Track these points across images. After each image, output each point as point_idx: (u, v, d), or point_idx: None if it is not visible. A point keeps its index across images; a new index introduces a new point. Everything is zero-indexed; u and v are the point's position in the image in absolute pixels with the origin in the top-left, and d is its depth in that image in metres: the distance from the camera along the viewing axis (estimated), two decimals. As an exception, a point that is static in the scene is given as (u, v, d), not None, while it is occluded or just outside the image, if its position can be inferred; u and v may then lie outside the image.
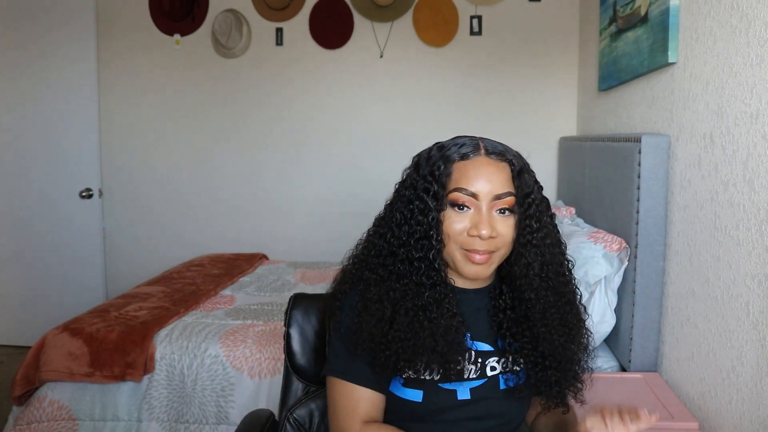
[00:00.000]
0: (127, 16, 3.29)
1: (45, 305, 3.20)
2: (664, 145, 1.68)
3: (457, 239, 0.89)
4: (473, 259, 0.89)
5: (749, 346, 1.23)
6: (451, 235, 0.89)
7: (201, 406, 1.89)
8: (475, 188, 0.88)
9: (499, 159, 0.91)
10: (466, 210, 0.89)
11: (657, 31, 1.79)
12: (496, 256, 0.90)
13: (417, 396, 0.92)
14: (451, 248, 0.90)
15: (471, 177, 0.88)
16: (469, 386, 0.94)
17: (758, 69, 1.23)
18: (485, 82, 3.14)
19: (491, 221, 0.88)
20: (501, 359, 0.96)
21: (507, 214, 0.90)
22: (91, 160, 3.18)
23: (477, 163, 0.90)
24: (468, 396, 0.93)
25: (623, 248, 1.77)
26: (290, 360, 1.17)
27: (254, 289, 2.60)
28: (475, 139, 0.93)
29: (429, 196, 0.89)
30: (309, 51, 3.21)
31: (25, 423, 1.88)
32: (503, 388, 0.96)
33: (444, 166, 0.90)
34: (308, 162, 3.28)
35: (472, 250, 0.88)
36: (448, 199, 0.89)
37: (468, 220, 0.89)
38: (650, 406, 1.47)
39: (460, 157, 0.90)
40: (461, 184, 0.88)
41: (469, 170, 0.89)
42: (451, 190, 0.89)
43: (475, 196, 0.88)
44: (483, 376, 0.95)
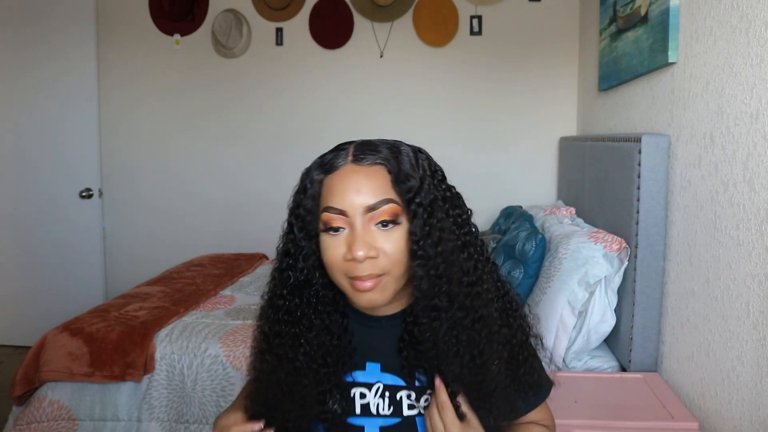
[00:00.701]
0: (127, 16, 3.29)
1: (45, 305, 3.20)
2: (664, 145, 1.68)
3: (339, 267, 0.75)
4: (358, 287, 0.74)
5: (749, 346, 1.23)
6: (331, 264, 0.76)
7: (201, 406, 1.89)
8: (342, 204, 0.74)
9: (370, 163, 0.76)
10: (341, 231, 0.75)
11: (657, 31, 1.79)
12: (388, 279, 0.75)
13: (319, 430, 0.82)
14: (337, 278, 0.76)
15: (336, 191, 0.75)
16: (378, 424, 0.81)
17: (758, 69, 1.23)
18: (485, 82, 3.14)
19: (368, 239, 0.73)
20: (420, 397, 0.81)
21: (391, 226, 0.74)
22: (91, 160, 3.18)
23: (342, 173, 0.76)
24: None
25: (623, 248, 1.78)
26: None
27: (254, 289, 2.60)
28: (348, 146, 0.79)
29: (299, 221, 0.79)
30: (309, 51, 3.21)
31: (25, 423, 1.88)
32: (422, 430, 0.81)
33: (310, 186, 0.78)
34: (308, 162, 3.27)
35: (354, 277, 0.74)
36: (321, 222, 0.76)
37: (343, 243, 0.74)
38: (650, 406, 1.47)
39: (327, 170, 0.78)
40: (330, 203, 0.75)
41: (334, 184, 0.75)
42: (321, 211, 0.76)
43: (344, 213, 0.74)
44: (398, 415, 0.81)
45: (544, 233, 2.13)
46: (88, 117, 3.16)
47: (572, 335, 1.81)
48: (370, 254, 0.73)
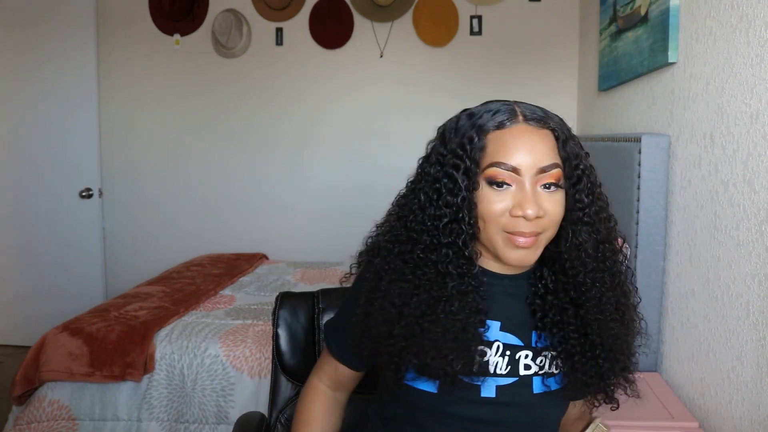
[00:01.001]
0: (127, 16, 3.29)
1: (45, 305, 3.20)
2: (664, 145, 1.68)
3: (497, 222, 0.76)
4: (517, 243, 0.75)
5: (749, 346, 1.23)
6: (490, 217, 0.76)
7: (201, 406, 1.89)
8: (515, 161, 0.75)
9: (541, 125, 0.77)
10: (506, 187, 0.75)
11: (657, 31, 1.79)
12: (543, 238, 0.77)
13: (431, 387, 0.81)
14: (490, 232, 0.77)
15: (510, 148, 0.75)
16: (495, 383, 0.81)
17: (758, 69, 1.23)
18: (485, 82, 3.14)
19: (537, 198, 0.75)
20: (537, 357, 0.83)
21: (553, 189, 0.76)
22: (91, 160, 3.18)
23: (516, 131, 0.76)
24: (493, 394, 0.81)
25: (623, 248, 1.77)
26: (279, 360, 1.16)
27: (254, 289, 2.60)
28: (509, 104, 0.79)
29: (459, 174, 0.76)
30: (309, 51, 3.21)
31: (25, 423, 1.88)
32: (538, 392, 0.83)
33: (477, 138, 0.76)
34: (308, 162, 3.28)
35: (516, 233, 0.75)
36: (484, 177, 0.76)
37: (509, 198, 0.75)
38: (650, 406, 1.47)
39: (495, 126, 0.76)
40: (499, 158, 0.75)
41: (506, 141, 0.75)
42: (486, 165, 0.76)
43: (517, 171, 0.75)
44: (514, 374, 0.82)
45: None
46: (88, 117, 3.16)
47: (572, 335, 1.81)
48: (539, 213, 0.74)
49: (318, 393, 0.95)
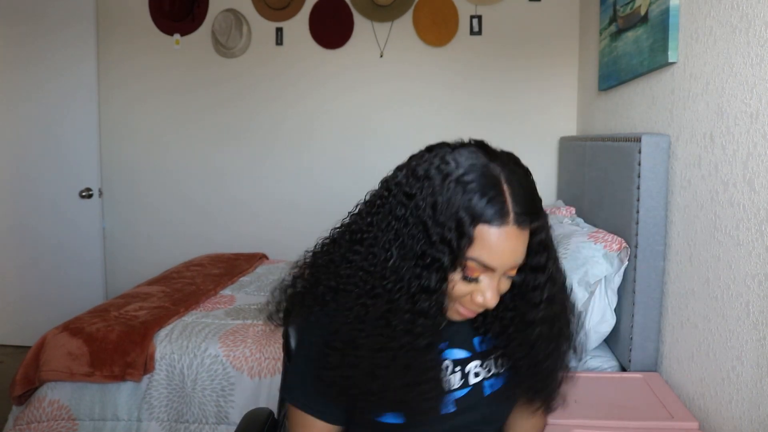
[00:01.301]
0: (127, 16, 3.29)
1: (45, 305, 3.20)
2: (664, 145, 1.68)
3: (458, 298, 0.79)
4: (464, 315, 0.80)
5: (749, 346, 1.23)
6: (455, 296, 0.78)
7: (201, 406, 1.89)
8: (496, 264, 0.75)
9: (527, 226, 0.77)
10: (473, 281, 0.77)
11: (657, 30, 1.79)
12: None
13: (398, 419, 0.84)
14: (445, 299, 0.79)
15: (495, 251, 0.74)
16: (453, 398, 0.86)
17: (758, 69, 1.23)
18: (485, 82, 3.14)
19: (500, 289, 0.79)
20: (483, 362, 0.90)
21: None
22: (91, 160, 3.18)
23: (504, 235, 0.74)
24: (453, 408, 0.86)
25: (623, 248, 1.77)
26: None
27: (254, 289, 2.60)
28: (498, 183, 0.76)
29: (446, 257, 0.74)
30: (309, 51, 3.21)
31: (25, 423, 1.88)
32: (488, 393, 0.89)
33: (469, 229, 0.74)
34: (308, 162, 3.28)
35: (467, 309, 0.80)
36: (463, 264, 0.76)
37: (472, 287, 0.77)
38: (650, 406, 1.47)
39: (486, 220, 0.74)
40: (482, 257, 0.75)
41: (493, 243, 0.74)
42: (469, 257, 0.75)
43: (492, 269, 0.76)
44: (467, 385, 0.88)
45: (544, 233, 2.13)
46: (88, 117, 3.16)
47: (572, 335, 1.81)
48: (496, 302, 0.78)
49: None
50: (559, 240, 1.98)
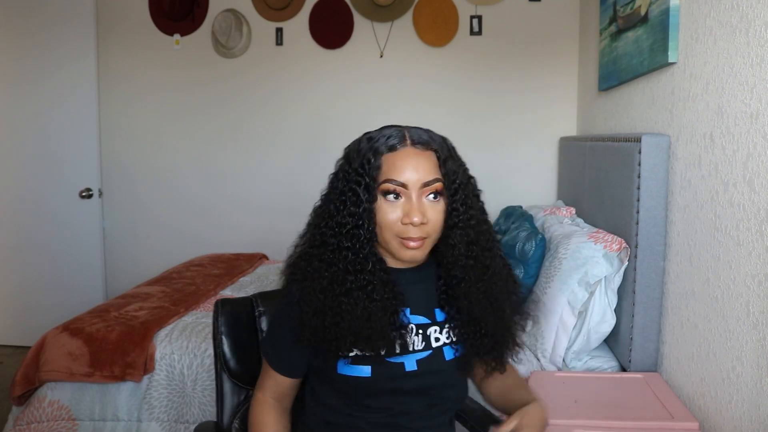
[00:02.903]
0: (127, 16, 3.29)
1: (45, 305, 3.20)
2: (664, 145, 1.68)
3: (392, 228, 0.93)
4: (408, 246, 0.93)
5: (749, 346, 1.23)
6: (386, 224, 0.93)
7: (201, 406, 1.89)
8: (403, 178, 0.92)
9: (425, 148, 0.95)
10: (397, 199, 0.93)
11: (657, 31, 1.79)
12: (429, 241, 0.95)
13: (366, 372, 0.97)
14: (386, 237, 0.94)
15: (399, 167, 0.92)
16: (415, 358, 0.98)
17: (758, 69, 1.23)
18: (485, 82, 3.14)
19: (421, 208, 0.92)
20: (442, 329, 1.02)
21: (436, 199, 0.94)
22: (91, 160, 3.18)
23: (404, 153, 0.93)
24: (415, 367, 0.98)
25: (623, 248, 1.77)
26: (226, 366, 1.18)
27: (254, 289, 2.60)
28: (401, 130, 0.97)
29: (360, 188, 0.93)
30: (309, 51, 3.21)
31: (25, 423, 1.88)
32: (449, 358, 1.01)
33: (373, 159, 0.93)
34: (308, 162, 3.28)
35: (407, 238, 0.93)
36: (380, 190, 0.93)
37: (400, 209, 0.93)
38: (650, 406, 1.47)
39: (387, 149, 0.94)
40: (391, 175, 0.92)
41: (396, 161, 0.93)
42: (381, 181, 0.93)
43: (405, 186, 0.92)
44: (428, 348, 1.00)
45: (544, 233, 2.13)
46: (88, 117, 3.16)
47: (572, 335, 1.81)
48: (423, 221, 0.92)
49: (266, 405, 1.05)
50: (559, 240, 1.99)
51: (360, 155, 0.95)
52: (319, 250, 0.96)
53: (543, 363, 1.82)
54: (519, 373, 1.14)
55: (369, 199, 0.93)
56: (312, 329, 0.94)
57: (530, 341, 1.88)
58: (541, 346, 1.83)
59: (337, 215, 0.95)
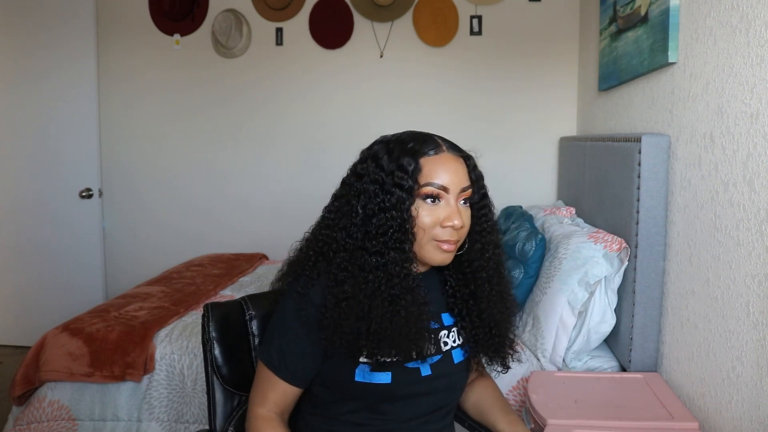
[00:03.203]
0: (127, 16, 3.29)
1: (45, 305, 3.20)
2: (664, 145, 1.68)
3: (430, 231, 0.94)
4: (443, 248, 0.95)
5: (749, 346, 1.23)
6: (424, 227, 0.94)
7: (201, 406, 1.89)
8: (444, 181, 0.93)
9: (459, 154, 0.98)
10: (437, 202, 0.94)
11: (657, 31, 1.79)
12: (459, 244, 0.98)
13: (386, 378, 0.97)
14: (422, 239, 0.94)
15: (440, 171, 0.94)
16: (429, 362, 1.00)
17: (758, 69, 1.23)
18: (485, 82, 3.14)
19: (461, 212, 0.95)
20: (449, 333, 1.04)
21: (467, 204, 0.98)
22: (91, 160, 3.18)
23: (444, 158, 0.95)
24: (429, 372, 1.00)
25: (623, 248, 1.77)
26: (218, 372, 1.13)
27: (254, 289, 2.60)
28: (429, 135, 1.00)
29: (403, 191, 0.92)
30: (309, 51, 3.21)
31: (25, 423, 1.88)
32: (458, 361, 1.04)
33: (414, 162, 0.94)
34: (308, 162, 3.28)
35: (443, 241, 0.94)
36: (421, 193, 0.93)
37: (439, 212, 0.94)
38: (650, 406, 1.47)
39: (427, 152, 0.95)
40: (432, 179, 0.93)
41: (437, 165, 0.94)
42: (423, 184, 0.93)
43: (446, 189, 0.94)
44: (439, 352, 1.02)
45: (544, 233, 2.13)
46: (88, 117, 3.16)
47: (572, 335, 1.81)
48: (462, 224, 0.94)
49: (272, 422, 0.99)
50: (559, 240, 1.99)
51: (393, 158, 0.95)
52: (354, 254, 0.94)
53: (543, 363, 1.82)
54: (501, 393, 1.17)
55: (411, 201, 0.93)
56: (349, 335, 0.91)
57: (530, 341, 1.88)
58: (541, 346, 1.83)
59: (373, 217, 0.93)
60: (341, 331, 0.92)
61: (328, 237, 0.98)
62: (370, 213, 0.93)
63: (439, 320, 1.04)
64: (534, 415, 1.43)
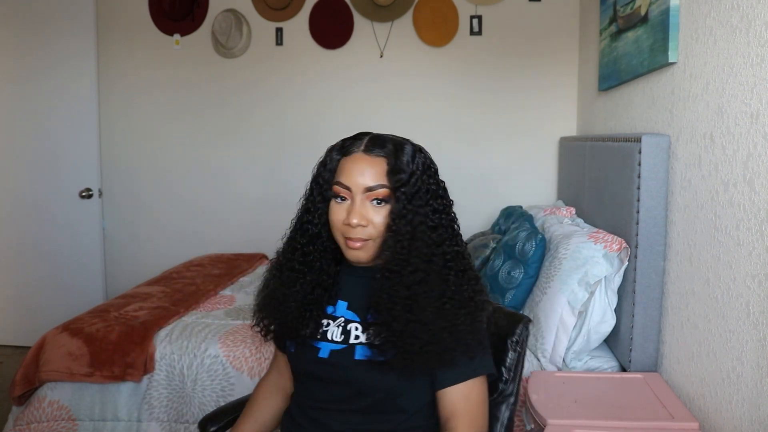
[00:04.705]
0: (127, 16, 3.29)
1: (45, 305, 3.20)
2: (664, 145, 1.68)
3: (339, 228, 1.00)
4: (350, 245, 0.99)
5: (749, 346, 1.23)
6: (334, 224, 1.00)
7: (201, 406, 1.89)
8: (348, 181, 0.98)
9: (376, 155, 0.99)
10: (343, 201, 0.99)
11: (657, 31, 1.79)
12: (372, 244, 0.99)
13: (291, 347, 1.08)
14: (336, 235, 1.01)
15: (346, 171, 0.99)
16: (329, 348, 1.03)
17: (758, 69, 1.23)
18: (485, 82, 3.14)
19: (362, 211, 0.97)
20: (366, 330, 1.02)
21: (382, 204, 0.98)
22: (91, 160, 3.18)
23: (354, 158, 1.00)
24: (326, 355, 1.03)
25: (623, 248, 1.77)
26: None
27: (254, 289, 2.57)
28: (364, 137, 1.03)
29: (318, 188, 1.03)
30: (309, 51, 3.21)
31: (25, 423, 1.88)
32: (357, 358, 1.01)
33: (329, 162, 1.03)
34: (308, 162, 3.26)
35: (348, 238, 0.99)
36: (332, 191, 1.01)
37: (345, 211, 0.99)
38: (650, 406, 1.47)
39: (343, 153, 1.02)
40: (340, 178, 1.00)
41: (346, 165, 1.00)
42: (333, 183, 1.01)
43: (349, 189, 0.98)
44: (345, 342, 1.03)
45: (544, 233, 2.13)
46: (88, 117, 3.16)
47: (572, 335, 1.81)
48: (361, 223, 0.97)
49: (264, 378, 1.21)
50: (559, 240, 1.99)
51: (324, 157, 1.05)
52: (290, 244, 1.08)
53: (543, 363, 1.82)
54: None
55: (321, 199, 1.03)
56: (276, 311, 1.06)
57: (530, 341, 1.88)
58: (541, 346, 1.83)
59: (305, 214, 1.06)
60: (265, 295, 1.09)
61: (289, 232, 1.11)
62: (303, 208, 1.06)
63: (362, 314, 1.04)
64: (534, 415, 1.43)
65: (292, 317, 1.04)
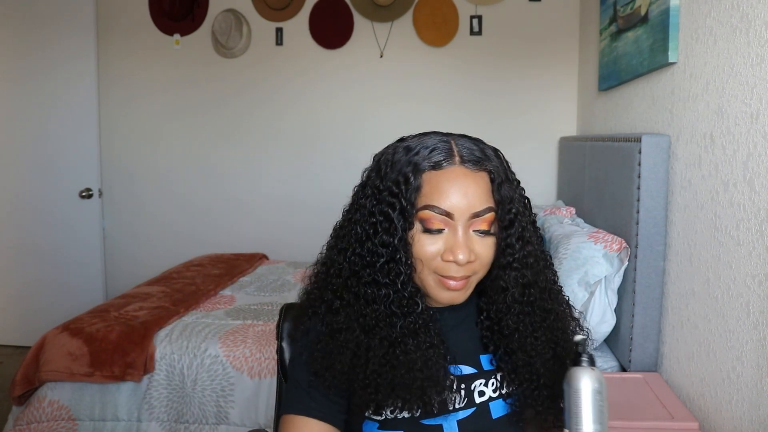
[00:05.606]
0: (127, 16, 3.29)
1: (45, 305, 3.20)
2: (664, 145, 1.68)
3: (429, 264, 0.76)
4: (448, 286, 0.76)
5: (749, 346, 1.23)
6: (423, 258, 0.76)
7: (201, 406, 1.89)
8: (448, 205, 0.74)
9: (477, 168, 0.76)
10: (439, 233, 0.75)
11: (657, 30, 1.79)
12: (474, 280, 0.79)
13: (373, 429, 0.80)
14: (422, 273, 0.77)
15: (444, 191, 0.74)
16: (455, 418, 0.80)
17: (758, 69, 1.23)
18: (485, 82, 3.14)
19: (469, 243, 0.75)
20: (488, 381, 0.83)
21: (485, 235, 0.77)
22: (91, 160, 3.18)
23: (451, 174, 0.75)
24: (456, 430, 0.80)
25: (623, 248, 1.77)
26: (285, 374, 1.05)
27: (254, 289, 2.60)
28: (447, 141, 0.78)
29: (395, 213, 0.75)
30: (309, 51, 3.21)
31: (25, 423, 1.88)
32: (497, 416, 0.82)
33: (412, 177, 0.75)
34: (308, 162, 3.28)
35: (447, 277, 0.76)
36: (418, 218, 0.75)
37: (442, 242, 0.75)
38: (650, 406, 1.47)
39: (431, 165, 0.76)
40: (432, 201, 0.74)
41: (441, 183, 0.75)
42: (420, 207, 0.75)
43: (450, 216, 0.74)
44: (471, 405, 0.81)
45: (544, 233, 2.13)
46: (88, 117, 3.16)
47: (572, 335, 1.81)
48: (470, 259, 0.74)
49: None
50: (559, 240, 1.99)
51: (395, 169, 0.77)
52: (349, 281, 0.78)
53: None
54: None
55: (405, 226, 0.75)
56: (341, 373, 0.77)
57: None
58: (541, 346, 1.83)
59: (367, 241, 0.77)
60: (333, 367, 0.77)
61: (330, 259, 0.82)
62: (364, 235, 0.77)
63: (476, 363, 0.83)
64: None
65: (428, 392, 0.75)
